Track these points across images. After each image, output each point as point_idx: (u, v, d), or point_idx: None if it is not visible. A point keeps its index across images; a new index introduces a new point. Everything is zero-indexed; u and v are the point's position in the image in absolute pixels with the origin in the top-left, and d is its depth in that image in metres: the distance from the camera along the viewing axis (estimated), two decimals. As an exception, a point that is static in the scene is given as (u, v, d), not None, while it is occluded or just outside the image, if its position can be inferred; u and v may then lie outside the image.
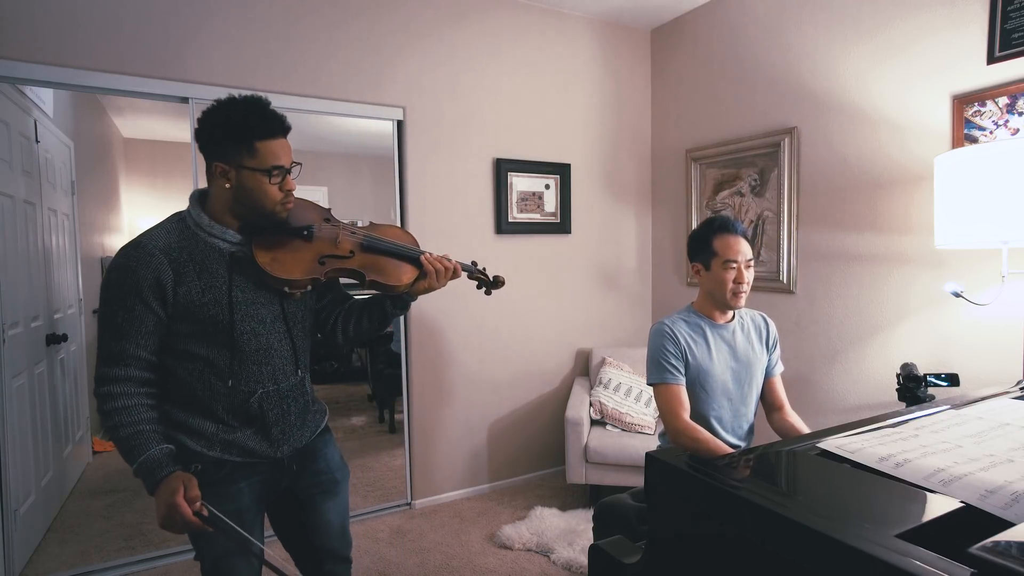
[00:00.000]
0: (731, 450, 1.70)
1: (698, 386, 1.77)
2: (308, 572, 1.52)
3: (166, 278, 1.21)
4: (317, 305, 1.52)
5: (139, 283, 1.19)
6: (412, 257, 1.44)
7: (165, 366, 1.28)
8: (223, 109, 1.23)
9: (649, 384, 1.78)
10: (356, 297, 1.58)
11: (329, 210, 1.47)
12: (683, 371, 1.75)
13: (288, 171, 1.28)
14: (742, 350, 1.81)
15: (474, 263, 1.58)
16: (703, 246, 1.78)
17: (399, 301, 1.46)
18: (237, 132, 1.22)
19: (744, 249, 1.73)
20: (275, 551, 1.55)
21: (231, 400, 1.30)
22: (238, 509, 1.31)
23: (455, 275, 1.47)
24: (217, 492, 1.28)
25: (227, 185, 1.25)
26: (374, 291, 1.42)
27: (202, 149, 1.26)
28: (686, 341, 1.76)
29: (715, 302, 1.80)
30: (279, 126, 1.26)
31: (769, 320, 1.92)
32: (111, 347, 1.20)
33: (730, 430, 1.80)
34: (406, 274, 1.42)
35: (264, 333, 1.33)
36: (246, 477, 1.33)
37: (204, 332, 1.26)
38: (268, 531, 1.47)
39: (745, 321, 1.87)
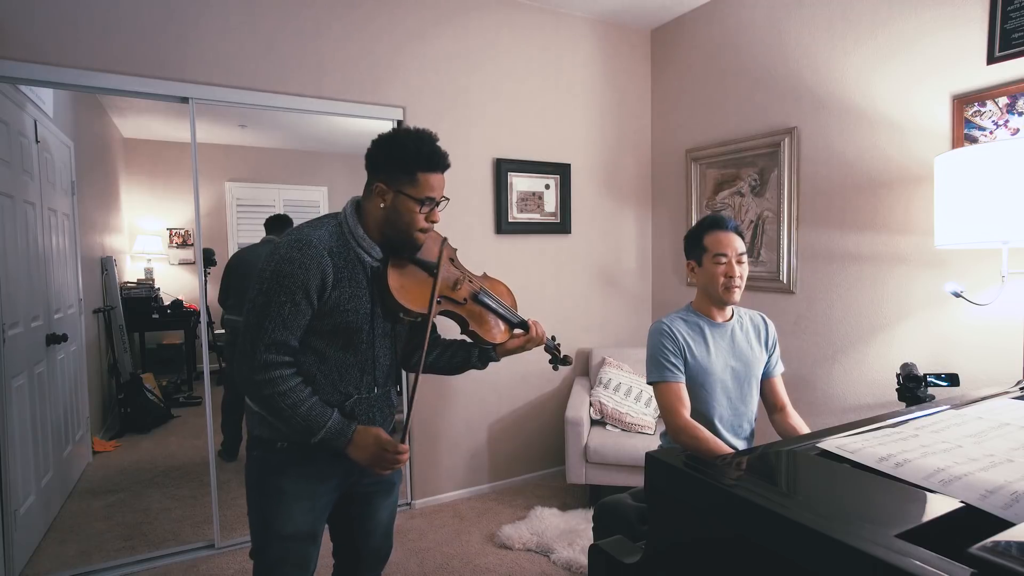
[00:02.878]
0: (730, 450, 1.70)
1: (698, 384, 1.77)
2: (347, 567, 1.59)
3: (329, 280, 1.29)
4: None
5: (308, 280, 1.26)
6: (510, 320, 1.57)
7: None
8: (398, 136, 1.34)
9: (649, 383, 1.78)
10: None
11: (456, 250, 1.56)
12: (682, 369, 1.75)
13: (437, 203, 1.37)
14: (741, 349, 1.82)
15: (553, 337, 1.69)
16: (695, 243, 1.81)
17: (485, 356, 1.57)
18: (405, 160, 1.31)
19: (735, 244, 1.75)
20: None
21: (328, 397, 1.36)
22: (314, 491, 1.38)
23: (541, 343, 1.59)
24: (298, 472, 1.36)
25: (382, 205, 1.33)
26: (466, 337, 1.54)
27: (368, 167, 1.36)
28: (684, 339, 1.77)
29: (710, 299, 1.81)
30: (441, 162, 1.35)
31: (768, 320, 1.92)
32: (275, 335, 1.26)
33: (730, 429, 1.80)
34: (500, 334, 1.54)
35: (377, 345, 1.42)
36: (325, 463, 1.39)
37: (333, 332, 1.34)
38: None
39: (744, 321, 1.87)
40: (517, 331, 1.58)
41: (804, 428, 1.80)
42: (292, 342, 1.28)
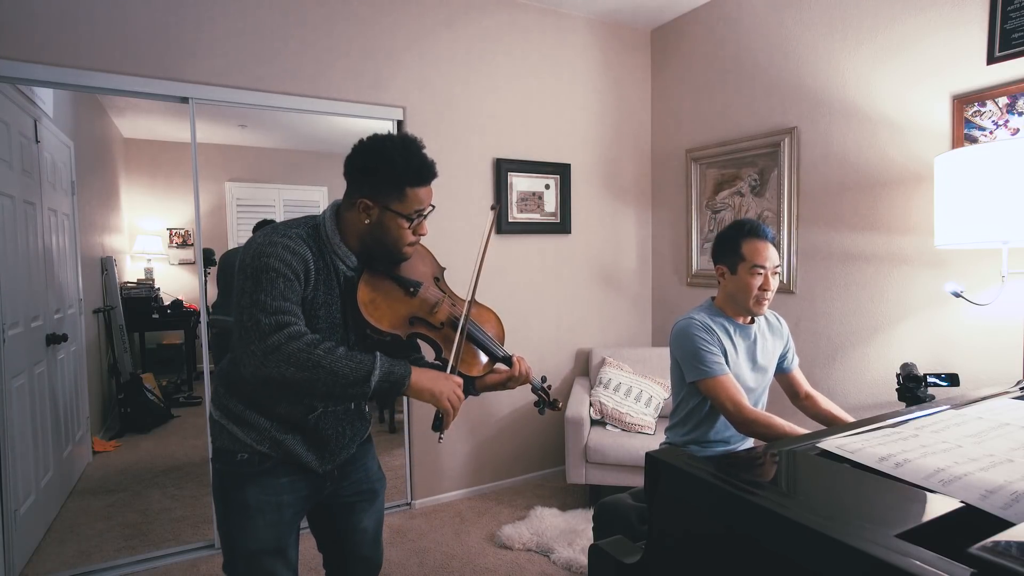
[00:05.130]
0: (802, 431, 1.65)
1: None
2: None
3: (311, 272, 1.23)
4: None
5: (292, 261, 1.20)
6: (492, 352, 1.42)
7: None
8: (385, 150, 1.23)
9: (692, 381, 1.71)
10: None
11: (444, 269, 1.48)
12: (724, 360, 1.71)
13: (425, 215, 1.30)
14: (761, 352, 1.82)
15: (543, 378, 1.57)
16: (730, 249, 1.74)
17: (463, 389, 1.44)
18: (393, 175, 1.23)
19: (772, 255, 1.70)
20: (307, 545, 1.54)
21: (291, 409, 1.31)
22: (279, 503, 1.32)
23: (526, 381, 1.46)
24: (260, 483, 1.31)
25: (367, 221, 1.27)
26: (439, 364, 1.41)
27: (350, 179, 1.28)
28: (718, 334, 1.74)
29: (736, 306, 1.77)
30: (430, 173, 1.28)
31: (781, 318, 1.93)
32: (279, 304, 1.16)
33: None
34: (478, 366, 1.41)
35: None
36: (289, 475, 1.34)
37: None
38: (303, 526, 1.48)
39: (761, 322, 1.86)
40: (499, 366, 1.44)
41: (840, 411, 1.77)
42: (297, 312, 1.19)
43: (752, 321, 1.82)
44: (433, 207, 1.32)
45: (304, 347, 1.13)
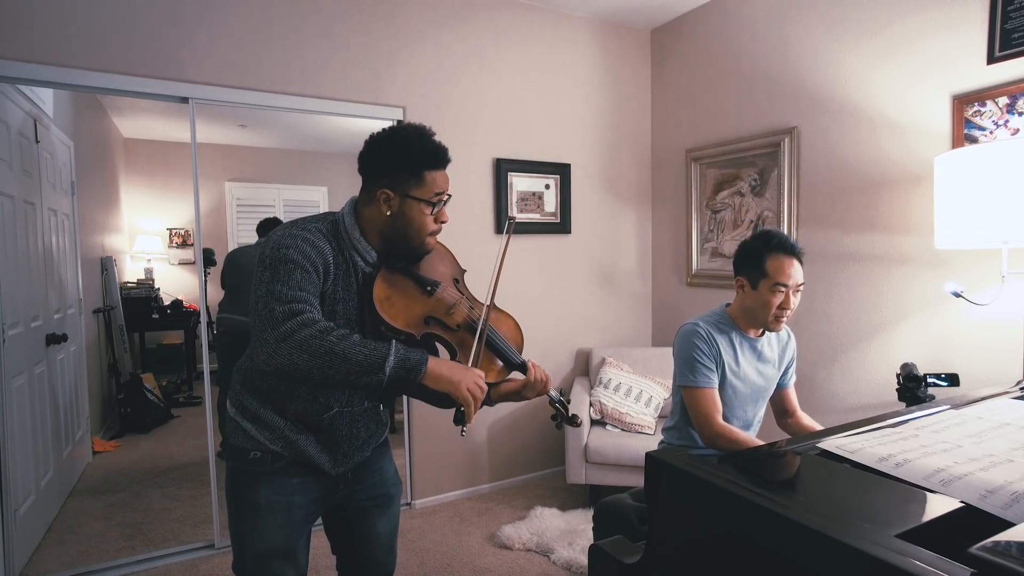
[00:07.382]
0: None
1: (720, 394, 1.75)
2: None
3: (330, 267, 1.23)
4: None
5: (311, 254, 1.20)
6: (509, 359, 1.38)
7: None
8: (398, 136, 1.26)
9: (680, 385, 1.73)
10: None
11: (464, 271, 1.47)
12: (716, 374, 1.70)
13: (444, 202, 1.31)
14: (766, 366, 1.80)
15: (561, 391, 1.51)
16: (754, 262, 1.68)
17: None
18: (410, 160, 1.25)
19: (796, 273, 1.65)
20: (318, 541, 1.53)
21: (306, 407, 1.29)
22: (290, 503, 1.32)
23: (543, 392, 1.40)
24: (272, 483, 1.30)
25: (388, 212, 1.27)
26: None
27: (367, 173, 1.29)
28: (718, 347, 1.72)
29: (750, 320, 1.75)
30: (445, 157, 1.30)
31: (791, 334, 1.90)
32: (294, 293, 1.15)
33: None
34: (494, 371, 1.36)
35: None
36: (301, 475, 1.33)
37: None
38: (317, 524, 1.47)
39: (771, 336, 1.84)
40: (516, 374, 1.40)
41: (818, 428, 1.78)
42: (313, 301, 1.17)
43: (762, 334, 1.80)
44: (450, 195, 1.33)
45: (317, 334, 1.10)
